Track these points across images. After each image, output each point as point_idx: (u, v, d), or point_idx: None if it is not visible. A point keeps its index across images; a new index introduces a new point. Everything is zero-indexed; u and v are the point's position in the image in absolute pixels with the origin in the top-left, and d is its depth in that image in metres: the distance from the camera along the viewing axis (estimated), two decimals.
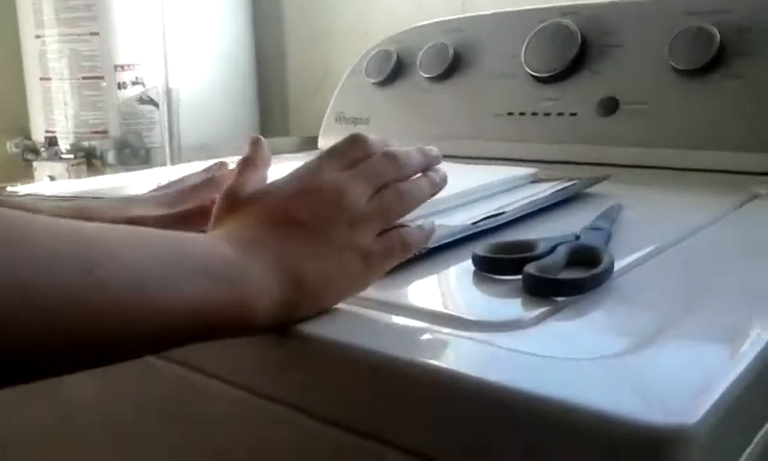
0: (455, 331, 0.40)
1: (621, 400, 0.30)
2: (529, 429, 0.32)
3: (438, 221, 0.59)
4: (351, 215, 0.43)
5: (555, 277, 0.45)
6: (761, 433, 0.36)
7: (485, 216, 0.60)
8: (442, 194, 0.67)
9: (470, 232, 0.56)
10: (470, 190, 0.70)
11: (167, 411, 0.52)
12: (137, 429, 0.54)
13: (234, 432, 0.46)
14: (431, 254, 0.52)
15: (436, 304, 0.46)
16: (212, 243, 0.41)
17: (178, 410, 0.50)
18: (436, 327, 0.41)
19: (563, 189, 0.70)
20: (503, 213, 0.61)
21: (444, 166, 0.86)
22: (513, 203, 0.65)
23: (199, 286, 0.37)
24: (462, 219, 0.59)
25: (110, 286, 0.33)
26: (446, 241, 0.54)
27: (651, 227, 0.61)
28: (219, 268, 0.38)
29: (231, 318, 0.38)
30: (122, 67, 1.39)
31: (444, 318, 0.42)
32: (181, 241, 0.39)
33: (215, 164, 0.70)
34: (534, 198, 0.67)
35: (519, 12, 1.02)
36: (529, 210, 0.63)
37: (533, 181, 0.76)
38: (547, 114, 0.93)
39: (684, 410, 0.29)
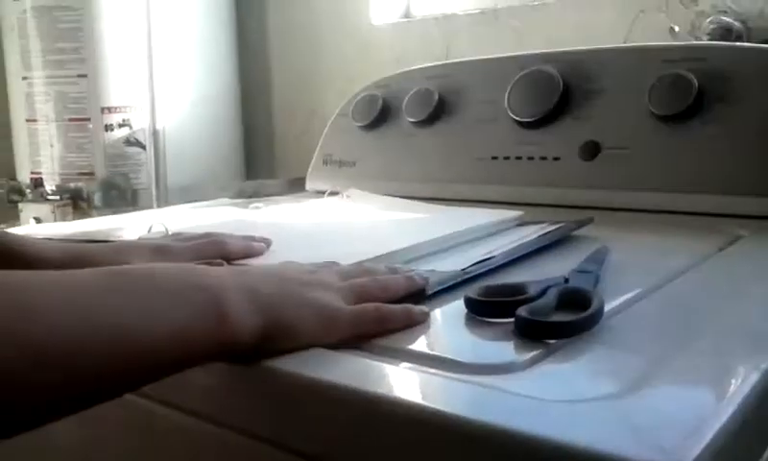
0: (449, 374, 0.40)
1: (617, 441, 0.31)
2: None
3: (428, 266, 0.60)
4: (327, 284, 0.48)
5: (547, 319, 0.46)
6: None
7: (475, 262, 0.61)
8: (429, 237, 0.69)
9: (462, 279, 0.57)
10: (458, 233, 0.71)
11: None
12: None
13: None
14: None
15: (429, 347, 0.47)
16: (196, 272, 0.43)
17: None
18: (429, 370, 0.41)
19: (549, 233, 0.71)
20: (492, 258, 0.62)
21: (432, 208, 0.88)
22: (500, 247, 0.66)
23: (184, 315, 0.39)
24: (451, 264, 0.61)
25: (97, 330, 0.35)
26: (439, 289, 0.54)
27: (637, 269, 0.63)
28: (198, 294, 0.40)
29: (217, 342, 0.40)
30: (109, 109, 1.40)
31: (437, 361, 0.42)
32: (166, 275, 0.41)
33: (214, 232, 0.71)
34: (521, 242, 0.68)
35: (502, 58, 1.05)
36: (517, 254, 0.64)
37: (518, 225, 0.77)
38: (530, 158, 0.95)
39: (678, 450, 0.30)
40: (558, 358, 0.42)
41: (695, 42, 1.02)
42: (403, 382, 0.42)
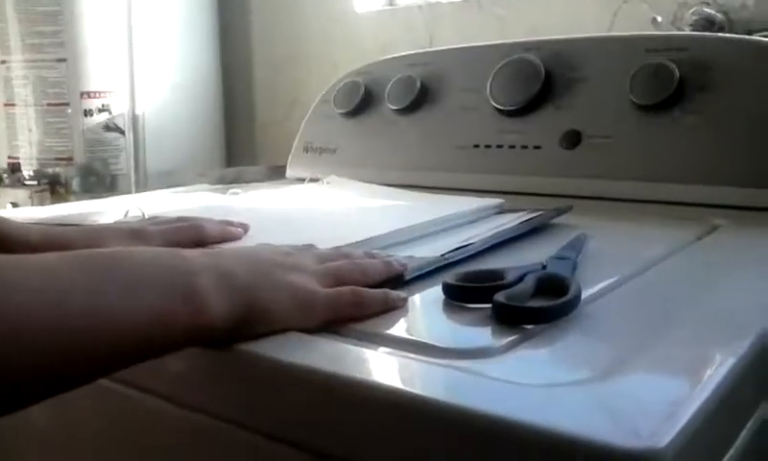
0: (427, 358, 0.40)
1: (594, 424, 0.31)
2: (505, 455, 0.32)
3: (407, 252, 0.60)
4: (303, 266, 0.48)
5: (524, 305, 0.46)
6: (726, 458, 0.37)
7: (454, 248, 0.60)
8: (409, 224, 0.68)
9: (440, 265, 0.57)
10: (438, 220, 0.71)
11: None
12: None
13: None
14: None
15: (407, 332, 0.47)
16: (171, 255, 0.43)
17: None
18: (407, 354, 0.41)
19: (528, 220, 0.71)
20: (470, 244, 0.62)
21: (412, 195, 0.87)
22: (480, 234, 0.66)
23: (161, 297, 0.39)
24: (430, 250, 0.60)
25: (73, 312, 0.35)
26: (417, 274, 0.54)
27: (615, 257, 0.63)
28: (174, 277, 0.40)
29: (194, 325, 0.40)
30: (88, 94, 1.38)
31: (415, 345, 0.42)
32: (142, 259, 0.41)
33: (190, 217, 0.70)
34: (500, 228, 0.68)
35: (484, 46, 1.04)
36: (496, 241, 0.64)
37: (498, 212, 0.77)
38: (512, 147, 0.95)
39: (654, 434, 0.30)
40: (535, 343, 0.42)
41: (677, 32, 1.02)
42: (382, 367, 0.42)
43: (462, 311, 0.48)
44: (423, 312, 0.51)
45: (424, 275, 0.55)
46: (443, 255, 0.58)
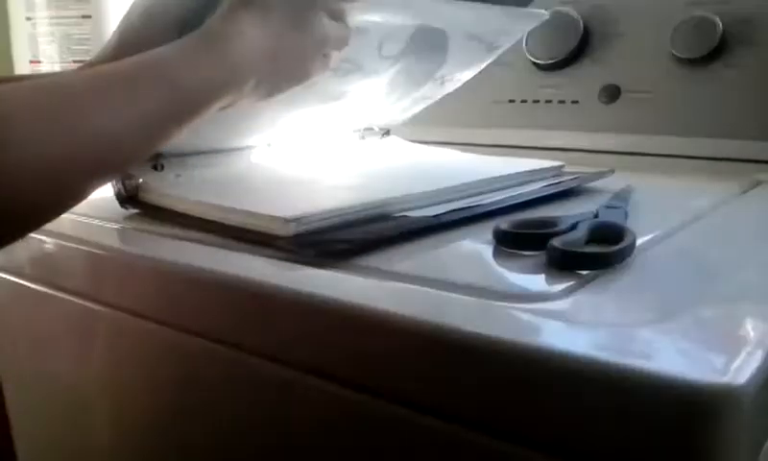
0: (489, 301, 0.40)
1: (670, 361, 0.30)
2: (579, 393, 0.32)
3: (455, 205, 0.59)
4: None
5: (582, 250, 0.45)
6: None
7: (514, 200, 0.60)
8: (469, 179, 0.66)
9: (480, 211, 0.56)
10: (499, 178, 0.68)
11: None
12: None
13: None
14: (447, 230, 0.52)
15: (464, 277, 0.46)
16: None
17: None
18: (465, 298, 0.41)
19: (570, 180, 0.70)
20: (514, 195, 0.61)
21: (468, 157, 0.84)
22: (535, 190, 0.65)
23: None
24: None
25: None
26: (464, 216, 0.54)
27: (661, 209, 0.62)
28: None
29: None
30: None
31: (472, 289, 0.42)
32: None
33: None
34: (549, 182, 0.67)
35: None
36: (546, 192, 0.63)
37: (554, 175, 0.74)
38: (549, 102, 0.93)
39: (733, 370, 0.30)
40: (593, 288, 0.42)
41: None
42: (442, 307, 0.41)
43: (514, 257, 0.48)
44: (476, 259, 0.50)
45: (468, 225, 0.54)
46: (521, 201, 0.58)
